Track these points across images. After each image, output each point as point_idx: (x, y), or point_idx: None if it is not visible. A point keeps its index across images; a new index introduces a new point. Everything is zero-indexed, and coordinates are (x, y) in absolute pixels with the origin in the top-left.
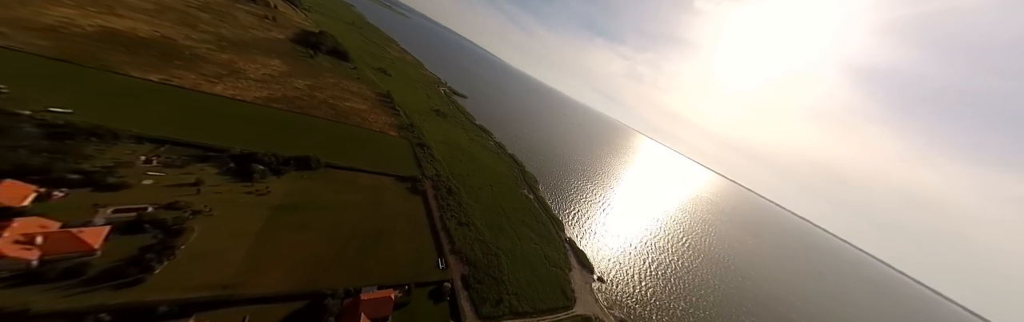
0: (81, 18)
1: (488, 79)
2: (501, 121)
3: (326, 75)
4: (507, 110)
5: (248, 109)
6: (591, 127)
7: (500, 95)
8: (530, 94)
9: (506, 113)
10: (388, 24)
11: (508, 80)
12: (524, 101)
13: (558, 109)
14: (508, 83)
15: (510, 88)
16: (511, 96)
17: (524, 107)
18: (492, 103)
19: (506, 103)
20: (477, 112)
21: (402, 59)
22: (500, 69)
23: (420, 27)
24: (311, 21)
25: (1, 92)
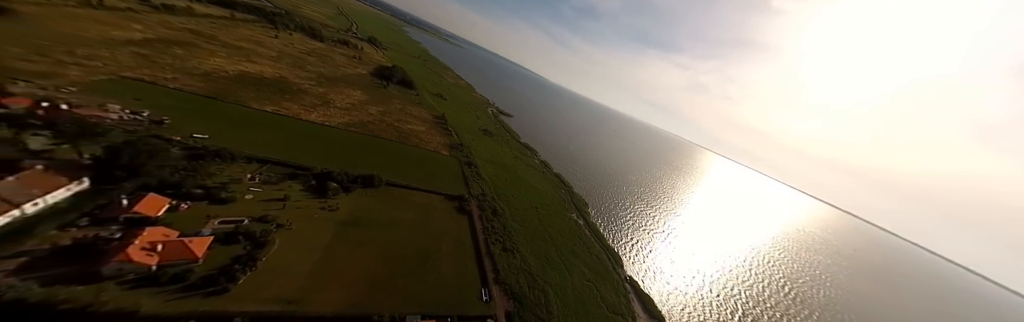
0: (228, 65)
1: (532, 98)
2: (545, 139)
3: (395, 102)
4: (551, 127)
5: (332, 133)
6: (647, 144)
7: (544, 113)
8: (575, 110)
9: (550, 130)
10: (446, 54)
11: (552, 98)
12: (569, 118)
13: (606, 125)
14: (552, 101)
15: (554, 105)
16: (555, 113)
17: (569, 124)
18: (536, 121)
19: (550, 120)
20: (522, 130)
21: (456, 84)
22: (544, 87)
23: (472, 55)
24: (387, 57)
25: (164, 122)
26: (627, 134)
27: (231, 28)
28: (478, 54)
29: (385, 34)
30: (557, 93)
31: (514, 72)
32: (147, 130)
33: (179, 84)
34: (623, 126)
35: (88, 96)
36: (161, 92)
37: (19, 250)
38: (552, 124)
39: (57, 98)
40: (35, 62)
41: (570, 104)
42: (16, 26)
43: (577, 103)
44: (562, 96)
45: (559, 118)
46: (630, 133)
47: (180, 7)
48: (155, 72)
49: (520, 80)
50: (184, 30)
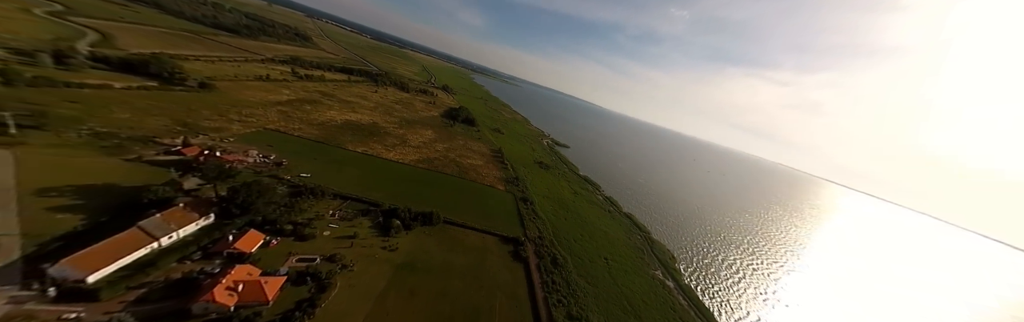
0: (338, 115)
1: (589, 127)
2: (609, 171)
3: (458, 138)
4: (614, 158)
5: (403, 169)
6: (744, 176)
7: (604, 142)
8: (642, 139)
9: (613, 162)
10: (504, 93)
11: (611, 126)
12: (634, 147)
13: (684, 154)
14: (612, 130)
15: (615, 134)
16: (617, 143)
17: (635, 154)
18: (595, 151)
19: (612, 151)
20: (581, 162)
21: (513, 119)
22: (602, 116)
23: (528, 92)
24: (456, 100)
25: (283, 163)
26: (714, 165)
27: (346, 87)
28: (533, 90)
29: (455, 81)
30: (617, 122)
31: (568, 103)
32: (269, 171)
33: (302, 133)
34: (706, 155)
35: (239, 144)
36: (288, 139)
37: (143, 281)
38: (614, 154)
39: (218, 146)
40: (215, 120)
41: (634, 133)
42: (211, 96)
43: (643, 131)
44: (623, 124)
45: (622, 148)
46: (718, 163)
47: (316, 76)
48: (288, 124)
49: (575, 110)
50: (315, 92)
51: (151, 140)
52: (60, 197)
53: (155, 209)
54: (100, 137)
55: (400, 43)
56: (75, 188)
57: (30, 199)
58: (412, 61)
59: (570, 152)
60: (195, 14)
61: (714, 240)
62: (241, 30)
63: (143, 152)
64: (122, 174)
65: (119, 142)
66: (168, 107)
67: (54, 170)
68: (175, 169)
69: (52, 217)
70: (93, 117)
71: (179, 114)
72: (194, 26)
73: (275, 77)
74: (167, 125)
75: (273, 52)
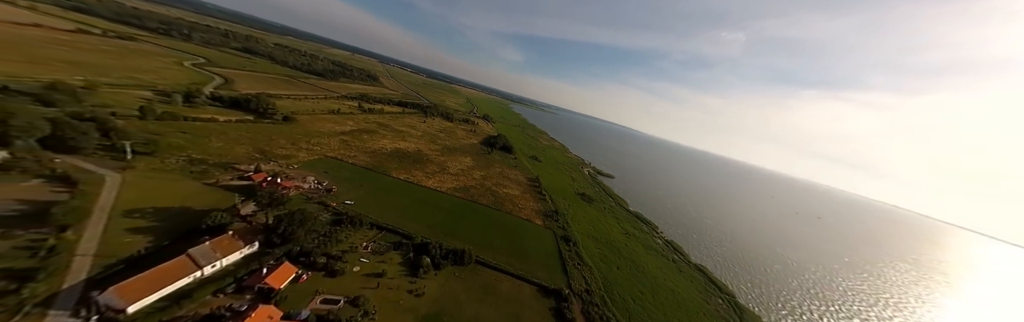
0: (389, 144)
1: (634, 155)
2: (664, 206)
3: (495, 166)
4: (668, 191)
5: (440, 198)
6: (838, 216)
7: (654, 172)
8: (697, 169)
9: (668, 195)
10: (541, 121)
11: (660, 155)
12: (690, 178)
13: (755, 187)
14: (660, 158)
15: (665, 164)
16: (669, 173)
17: (693, 186)
18: (645, 183)
19: (664, 182)
20: (629, 195)
21: (550, 146)
22: (647, 144)
23: (565, 119)
24: (494, 129)
25: (333, 190)
26: (799, 203)
27: (400, 118)
28: (569, 117)
29: (495, 111)
30: (665, 149)
31: (608, 130)
32: (319, 197)
33: (355, 160)
34: (786, 190)
35: (301, 171)
36: (343, 166)
37: (176, 315)
38: (668, 187)
39: (283, 173)
40: (287, 148)
41: (688, 161)
42: (291, 127)
43: (698, 160)
44: (673, 152)
45: (676, 179)
46: (802, 201)
47: (377, 109)
48: (346, 152)
49: (615, 137)
50: (374, 123)
51: (231, 166)
52: (141, 218)
53: (208, 235)
54: (192, 163)
55: (448, 79)
56: (156, 210)
57: (117, 220)
58: (458, 94)
59: (615, 183)
60: (296, 62)
61: (828, 310)
62: (326, 74)
63: (221, 177)
64: (198, 197)
65: (205, 168)
66: (254, 137)
67: (146, 192)
68: (240, 194)
69: (123, 239)
70: (194, 145)
71: (261, 143)
72: (293, 72)
73: (344, 111)
74: (248, 152)
75: (347, 90)
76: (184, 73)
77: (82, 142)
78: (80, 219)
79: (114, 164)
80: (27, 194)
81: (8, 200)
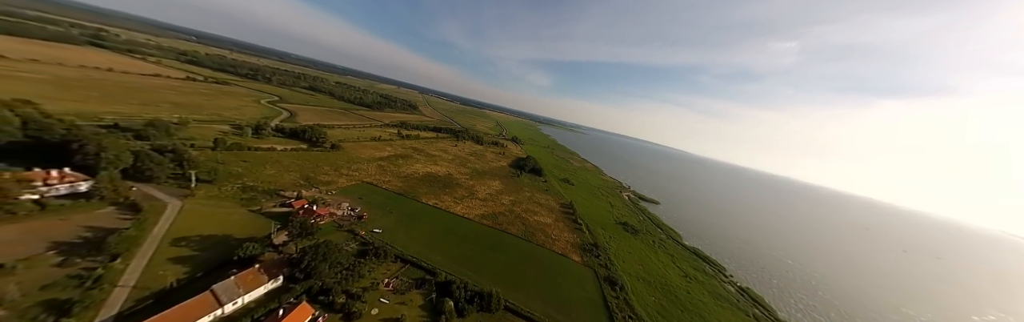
0: (420, 168)
1: (679, 178)
2: (727, 240)
3: (525, 190)
4: (728, 220)
5: (467, 226)
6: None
7: (705, 197)
8: (759, 193)
9: (729, 225)
10: (570, 141)
11: (707, 175)
12: (753, 204)
13: (841, 217)
14: (709, 179)
15: (717, 186)
16: (725, 198)
17: (758, 214)
18: (697, 209)
19: (724, 210)
20: (681, 225)
21: (583, 168)
22: (690, 163)
23: (596, 139)
24: (523, 150)
25: (364, 217)
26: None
27: (433, 143)
28: (601, 137)
29: (523, 133)
30: (717, 171)
31: (644, 149)
32: (350, 224)
33: (388, 185)
34: (876, 218)
35: (338, 197)
36: (377, 192)
37: None
38: (728, 215)
39: (321, 199)
40: (329, 175)
41: (746, 185)
42: (336, 154)
43: (758, 183)
44: (723, 173)
45: (735, 206)
46: (905, 233)
47: (413, 135)
48: (381, 177)
49: (653, 157)
50: (410, 148)
51: (277, 193)
52: (186, 247)
53: (237, 268)
54: (245, 190)
55: (479, 105)
56: (201, 238)
57: (165, 248)
58: (488, 118)
59: (662, 210)
60: (350, 97)
61: None
62: (374, 105)
63: (266, 204)
64: (241, 225)
65: (254, 195)
66: (303, 164)
67: (197, 220)
68: (278, 222)
69: (158, 271)
70: (250, 173)
71: (308, 170)
72: (347, 105)
73: (385, 137)
74: (295, 179)
75: (390, 119)
76: (259, 109)
77: (157, 172)
78: (131, 248)
79: (179, 192)
80: (98, 221)
81: (81, 227)
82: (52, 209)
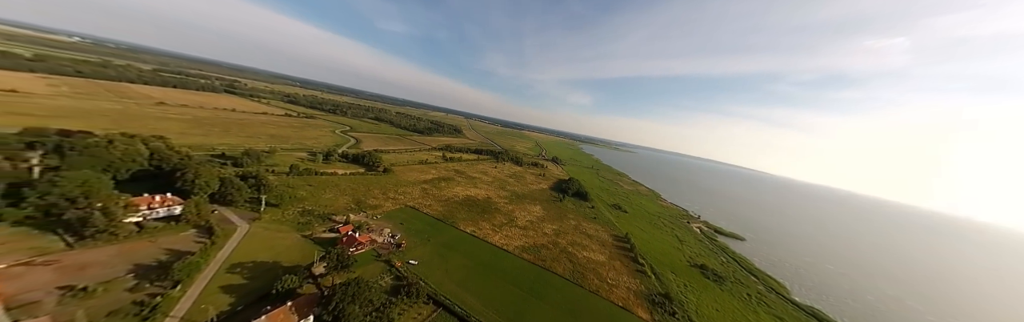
0: (461, 191)
1: (760, 204)
2: (856, 293)
3: (569, 216)
4: (857, 269)
5: (506, 261)
6: None
7: (816, 236)
8: (879, 226)
9: (859, 276)
10: (618, 161)
11: (810, 205)
12: (886, 244)
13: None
14: (802, 207)
15: (829, 222)
16: (844, 238)
17: (890, 258)
18: (804, 251)
19: (840, 252)
20: (782, 271)
21: (636, 191)
22: (771, 186)
23: (648, 157)
24: (565, 171)
25: (402, 246)
26: None
27: (474, 165)
28: (653, 156)
29: (564, 152)
30: (812, 197)
31: (713, 171)
32: (388, 253)
33: (429, 209)
34: None
35: (382, 221)
36: (417, 217)
37: None
38: (847, 261)
39: (366, 224)
40: (377, 199)
41: (865, 216)
42: (386, 177)
43: (881, 214)
44: (829, 201)
45: (859, 245)
46: None
47: (457, 157)
48: (423, 201)
49: (723, 179)
50: (452, 170)
51: (329, 217)
52: (238, 274)
53: (271, 305)
54: (303, 214)
55: (519, 126)
56: (254, 265)
57: (221, 275)
58: (527, 139)
59: (750, 249)
60: (406, 124)
61: None
62: (425, 131)
63: (317, 229)
64: (290, 251)
65: (310, 219)
66: (357, 188)
67: (256, 244)
68: (323, 248)
69: (200, 305)
70: (312, 197)
71: (360, 193)
72: (403, 131)
73: (430, 160)
74: (348, 203)
75: (437, 143)
76: (333, 138)
77: (236, 196)
78: (193, 274)
79: (251, 215)
80: (178, 243)
81: (163, 249)
82: (147, 231)
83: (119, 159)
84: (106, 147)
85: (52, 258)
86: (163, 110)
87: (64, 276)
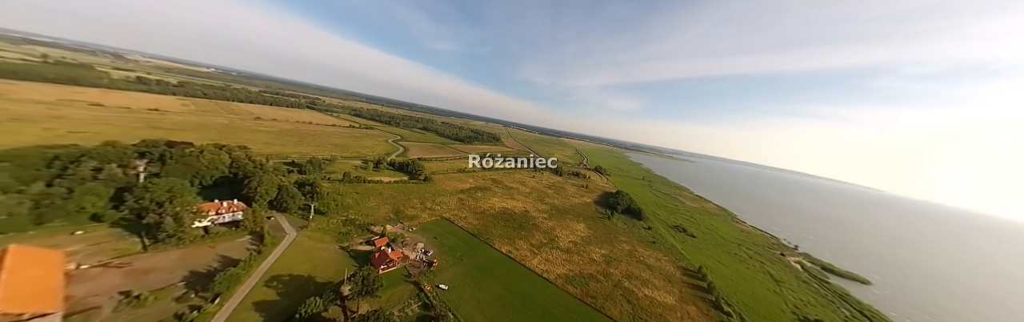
0: (497, 203)
1: (897, 236)
2: None
3: (621, 239)
4: None
5: (547, 293)
6: None
7: (986, 284)
8: None
9: None
10: (673, 171)
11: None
12: None
13: None
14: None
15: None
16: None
17: None
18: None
19: None
20: None
21: (701, 209)
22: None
23: (710, 167)
24: (610, 183)
25: (433, 265)
26: None
27: (512, 174)
28: (716, 166)
29: (608, 161)
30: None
31: (800, 185)
32: (418, 273)
33: (464, 223)
34: None
35: (417, 234)
36: (452, 231)
37: None
38: None
39: (401, 237)
40: (415, 209)
41: None
42: (426, 186)
43: None
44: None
45: None
46: None
47: (493, 167)
48: (459, 213)
49: (818, 196)
50: (489, 179)
51: (368, 227)
52: (273, 288)
53: None
54: (345, 223)
55: (557, 133)
56: (290, 279)
57: (258, 288)
58: (566, 146)
59: (881, 297)
60: (449, 133)
61: None
62: (466, 139)
63: (354, 240)
64: (326, 265)
65: (350, 229)
66: (399, 196)
67: (297, 255)
68: (354, 264)
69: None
70: (357, 205)
71: (400, 202)
72: (445, 140)
73: (469, 169)
74: (387, 213)
75: (475, 151)
76: (385, 147)
77: (290, 204)
78: (232, 286)
79: (300, 222)
80: (231, 250)
81: (218, 256)
82: (211, 236)
83: (205, 167)
84: (197, 156)
85: (126, 261)
86: (257, 124)
87: (128, 280)
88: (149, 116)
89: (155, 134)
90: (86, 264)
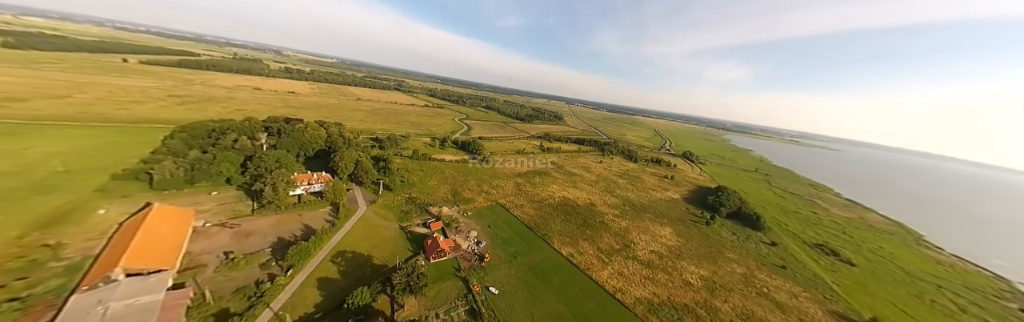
0: (557, 191)
1: None
2: None
3: (728, 256)
4: None
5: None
6: None
7: None
8: None
9: None
10: (805, 162)
11: None
12: None
13: None
14: None
15: None
16: None
17: None
18: None
19: None
20: None
21: (860, 221)
22: None
23: (874, 160)
24: (706, 175)
25: (485, 260)
26: None
27: (575, 158)
28: (884, 157)
29: (700, 146)
30: None
31: None
32: (468, 268)
33: (520, 212)
34: None
35: (471, 220)
36: (507, 220)
37: None
38: None
39: (455, 222)
40: (472, 191)
41: None
42: (484, 168)
43: None
44: None
45: None
46: None
47: (555, 148)
48: (515, 199)
49: None
50: (549, 163)
51: (426, 209)
52: (335, 266)
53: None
54: (407, 201)
55: (630, 111)
56: (351, 257)
57: (324, 264)
58: (641, 126)
59: None
60: (510, 112)
61: None
62: (526, 118)
63: (413, 220)
64: (385, 244)
65: (411, 208)
66: (458, 176)
67: (362, 232)
68: (412, 246)
69: (280, 312)
70: (421, 183)
71: (458, 183)
72: (506, 118)
73: (527, 151)
74: (446, 194)
75: (536, 130)
76: (452, 125)
77: (364, 178)
78: (303, 259)
79: (371, 197)
80: (313, 220)
81: (302, 224)
82: (301, 204)
83: (308, 141)
84: (302, 131)
85: (238, 221)
86: (358, 104)
87: (233, 241)
88: (287, 97)
89: (288, 112)
90: (210, 222)
